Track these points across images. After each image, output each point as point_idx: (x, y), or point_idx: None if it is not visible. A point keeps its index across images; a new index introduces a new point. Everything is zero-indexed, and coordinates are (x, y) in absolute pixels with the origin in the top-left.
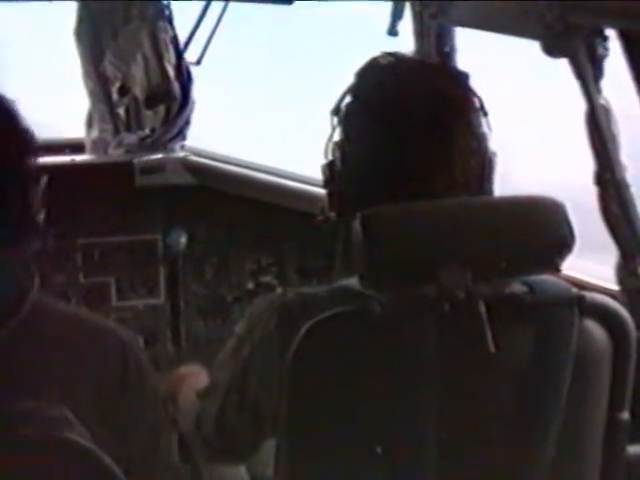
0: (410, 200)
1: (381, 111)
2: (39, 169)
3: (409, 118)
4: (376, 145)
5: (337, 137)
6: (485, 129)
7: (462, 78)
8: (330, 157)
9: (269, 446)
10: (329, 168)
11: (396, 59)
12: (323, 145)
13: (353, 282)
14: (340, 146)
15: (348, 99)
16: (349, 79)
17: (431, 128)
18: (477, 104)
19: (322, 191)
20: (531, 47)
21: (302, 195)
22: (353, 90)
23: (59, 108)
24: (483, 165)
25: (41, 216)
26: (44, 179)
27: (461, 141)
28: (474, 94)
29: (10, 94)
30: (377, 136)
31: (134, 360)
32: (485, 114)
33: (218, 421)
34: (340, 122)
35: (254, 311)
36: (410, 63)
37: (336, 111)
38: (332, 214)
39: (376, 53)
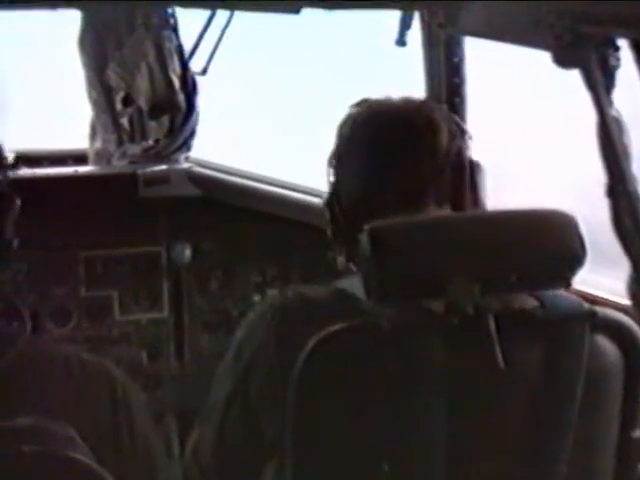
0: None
1: (359, 158)
2: (12, 192)
3: (380, 158)
4: (360, 186)
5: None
6: (460, 144)
7: (426, 106)
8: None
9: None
10: (328, 206)
11: (367, 108)
12: (327, 155)
13: (347, 284)
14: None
15: (335, 149)
16: (359, 89)
17: (397, 159)
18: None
19: None
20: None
21: (307, 207)
22: (337, 144)
23: (62, 118)
24: (461, 180)
25: (15, 242)
26: (18, 203)
27: (427, 163)
28: (448, 118)
29: (12, 104)
30: (359, 174)
31: (123, 397)
32: (453, 137)
33: (218, 435)
34: (332, 168)
35: (251, 317)
36: (384, 110)
37: (330, 160)
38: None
39: (392, 65)
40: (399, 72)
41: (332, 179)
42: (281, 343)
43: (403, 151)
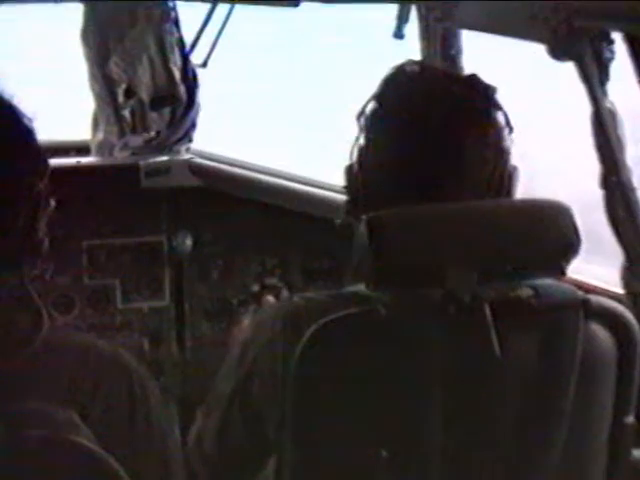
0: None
1: (403, 120)
2: (49, 193)
3: (428, 128)
4: (392, 152)
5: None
6: (507, 143)
7: (488, 91)
8: (353, 159)
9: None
10: (349, 171)
11: (421, 68)
12: (327, 147)
13: (361, 287)
14: (360, 150)
15: (372, 105)
16: (355, 82)
17: (447, 139)
18: (501, 118)
19: (327, 193)
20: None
21: (307, 197)
22: (378, 97)
23: (65, 109)
24: (501, 178)
25: (46, 242)
26: (53, 203)
27: (475, 152)
28: (499, 107)
29: (15, 95)
30: (395, 143)
31: (139, 387)
32: (510, 129)
33: (220, 433)
34: (363, 127)
35: (259, 317)
36: (435, 73)
37: (360, 116)
38: (350, 218)
39: (389, 58)
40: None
41: (360, 141)
42: (286, 345)
43: (448, 136)
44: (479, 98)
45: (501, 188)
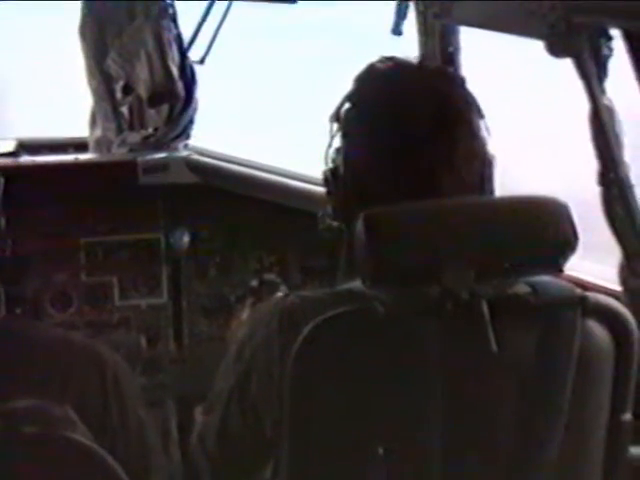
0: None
1: (383, 116)
2: None
3: (412, 122)
4: (380, 150)
5: (337, 143)
6: (483, 131)
7: (460, 81)
8: (330, 164)
9: None
10: (332, 174)
11: (394, 63)
12: (325, 144)
13: (356, 285)
14: (342, 152)
15: (347, 106)
16: (352, 77)
17: (434, 131)
18: (475, 107)
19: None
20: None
21: (305, 194)
22: (352, 97)
23: (63, 106)
24: (484, 166)
25: (2, 221)
26: (2, 181)
27: (464, 143)
28: (472, 97)
29: (14, 93)
30: (381, 141)
31: (113, 379)
32: (482, 117)
33: (220, 430)
34: (341, 129)
35: (255, 315)
36: (409, 67)
37: (335, 118)
38: (334, 222)
39: (378, 53)
40: None
41: (339, 142)
42: (282, 343)
43: (437, 129)
44: (458, 89)
45: (486, 177)
